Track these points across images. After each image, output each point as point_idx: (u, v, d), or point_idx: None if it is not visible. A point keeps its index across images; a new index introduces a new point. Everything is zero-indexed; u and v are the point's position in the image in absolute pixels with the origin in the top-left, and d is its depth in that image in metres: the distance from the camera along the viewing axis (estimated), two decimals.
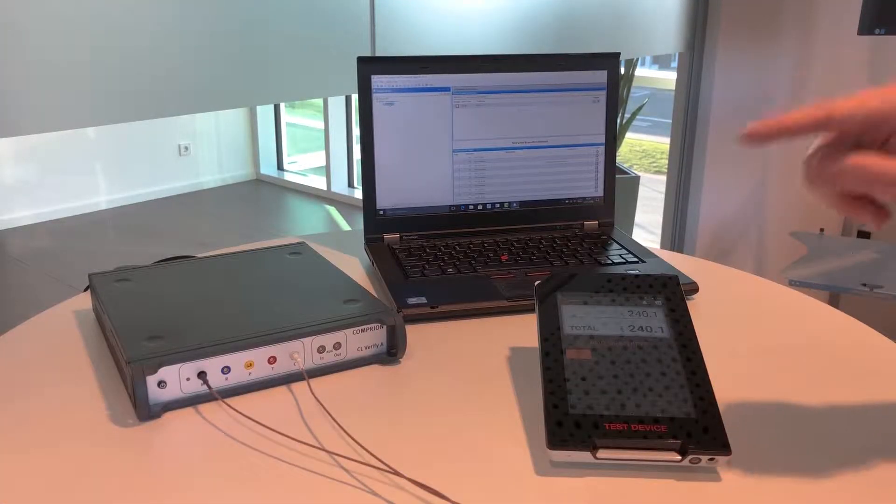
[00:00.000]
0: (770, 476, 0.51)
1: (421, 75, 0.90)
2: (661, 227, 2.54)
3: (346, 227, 4.44)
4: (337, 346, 0.63)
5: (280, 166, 5.50)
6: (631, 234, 3.17)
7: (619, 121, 3.02)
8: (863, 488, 0.50)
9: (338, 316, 0.64)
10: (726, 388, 0.62)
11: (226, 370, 0.59)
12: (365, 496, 0.48)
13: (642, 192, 3.48)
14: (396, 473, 0.50)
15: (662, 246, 2.50)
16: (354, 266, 0.89)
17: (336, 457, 0.52)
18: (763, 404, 0.60)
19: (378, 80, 0.89)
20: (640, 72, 3.73)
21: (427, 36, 1.51)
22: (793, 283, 1.79)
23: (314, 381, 0.63)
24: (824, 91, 2.19)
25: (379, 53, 1.43)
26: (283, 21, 1.29)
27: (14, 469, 0.51)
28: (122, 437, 0.55)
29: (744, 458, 0.53)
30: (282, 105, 5.45)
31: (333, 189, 5.01)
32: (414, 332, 0.71)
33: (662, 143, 6.72)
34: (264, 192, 5.17)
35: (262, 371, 0.61)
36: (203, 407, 0.59)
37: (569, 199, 0.96)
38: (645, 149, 6.84)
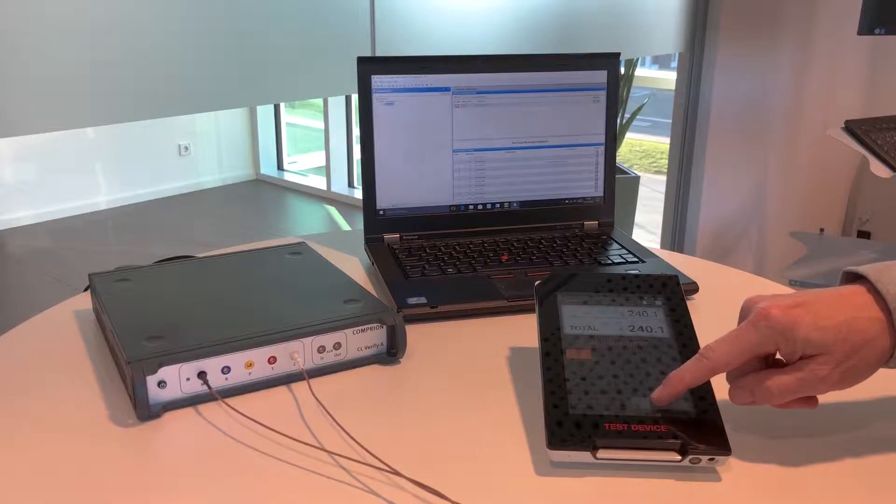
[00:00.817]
0: (770, 476, 0.51)
1: (421, 75, 0.90)
2: (661, 227, 2.54)
3: (346, 227, 4.44)
4: (337, 346, 0.63)
5: (280, 166, 5.50)
6: (631, 234, 3.17)
7: (619, 121, 3.02)
8: (863, 488, 0.50)
9: (338, 316, 0.64)
10: (726, 388, 0.62)
11: (226, 370, 0.59)
12: (365, 496, 0.48)
13: (642, 192, 3.48)
14: (396, 473, 0.50)
15: (662, 246, 2.50)
16: (354, 266, 0.89)
17: (336, 457, 0.52)
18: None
19: (378, 80, 0.89)
20: (640, 72, 3.73)
21: (427, 36, 1.51)
22: (793, 283, 1.79)
23: (314, 381, 0.63)
24: (824, 91, 2.19)
25: (379, 53, 1.43)
26: (283, 21, 1.29)
27: (14, 468, 0.51)
28: (122, 436, 0.55)
29: (744, 458, 0.53)
30: (282, 105, 5.45)
31: (333, 189, 5.01)
32: (414, 332, 0.71)
33: (662, 143, 6.72)
34: (264, 192, 5.17)
35: (262, 371, 0.61)
36: (203, 407, 0.59)
37: (569, 199, 0.96)
38: (645, 149, 6.83)
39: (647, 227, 4.16)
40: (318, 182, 5.16)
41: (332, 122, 4.97)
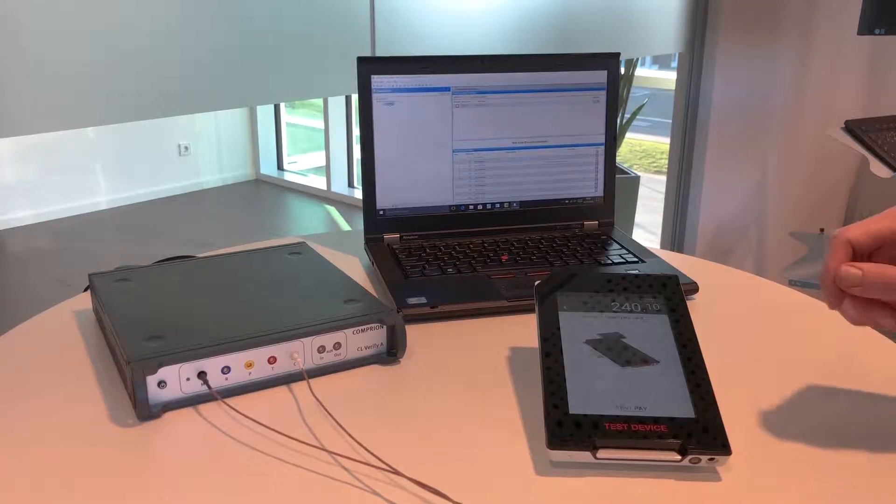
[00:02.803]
0: (770, 476, 0.51)
1: (421, 75, 0.90)
2: (661, 227, 2.54)
3: (346, 227, 4.44)
4: (337, 346, 0.63)
5: (280, 166, 5.50)
6: (631, 234, 3.17)
7: (619, 121, 3.02)
8: (863, 488, 0.50)
9: (338, 316, 0.64)
10: (726, 388, 0.62)
11: (226, 370, 0.59)
12: (365, 496, 0.48)
13: (642, 192, 3.48)
14: (396, 473, 0.50)
15: (662, 246, 2.50)
16: (354, 266, 0.89)
17: (336, 457, 0.52)
18: (763, 404, 0.60)
19: (378, 80, 0.89)
20: (640, 72, 3.74)
21: (427, 36, 1.51)
22: (793, 283, 1.79)
23: (314, 381, 0.63)
24: (824, 91, 2.19)
25: (379, 53, 1.43)
26: (283, 21, 1.29)
27: (14, 469, 0.51)
28: (122, 437, 0.55)
29: (744, 458, 0.53)
30: (282, 105, 5.45)
31: (333, 189, 5.01)
32: (414, 332, 0.71)
33: (662, 143, 6.72)
34: (264, 192, 5.17)
35: (262, 371, 0.61)
36: (203, 407, 0.59)
37: (569, 199, 0.96)
38: (645, 149, 6.84)
39: (647, 227, 4.17)
40: (318, 182, 5.16)
41: (332, 122, 4.97)
